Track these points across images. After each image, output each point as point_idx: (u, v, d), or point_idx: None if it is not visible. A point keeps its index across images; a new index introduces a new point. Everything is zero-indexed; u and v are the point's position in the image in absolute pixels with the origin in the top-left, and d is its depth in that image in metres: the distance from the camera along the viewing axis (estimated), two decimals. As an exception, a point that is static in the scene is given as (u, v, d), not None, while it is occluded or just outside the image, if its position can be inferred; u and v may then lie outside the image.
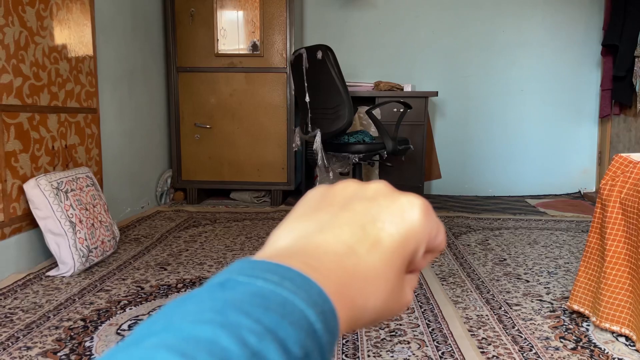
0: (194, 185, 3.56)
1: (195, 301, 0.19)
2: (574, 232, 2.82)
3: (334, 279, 0.22)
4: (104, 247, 2.19)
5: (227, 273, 0.21)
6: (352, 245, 0.24)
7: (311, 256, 0.23)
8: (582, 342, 1.47)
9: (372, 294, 0.24)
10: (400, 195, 0.27)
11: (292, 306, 0.19)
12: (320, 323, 0.19)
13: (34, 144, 2.13)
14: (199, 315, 0.18)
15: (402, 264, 0.25)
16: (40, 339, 1.47)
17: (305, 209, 0.28)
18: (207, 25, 3.43)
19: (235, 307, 0.18)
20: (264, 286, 0.20)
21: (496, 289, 1.91)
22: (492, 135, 4.11)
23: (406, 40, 4.04)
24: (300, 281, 0.20)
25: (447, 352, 1.41)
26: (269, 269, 0.21)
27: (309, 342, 0.18)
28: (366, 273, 0.24)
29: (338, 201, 0.27)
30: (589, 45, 3.96)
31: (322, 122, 2.89)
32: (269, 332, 0.18)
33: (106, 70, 2.76)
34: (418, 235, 0.26)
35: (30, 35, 2.11)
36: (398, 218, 0.26)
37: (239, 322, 0.17)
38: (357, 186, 0.28)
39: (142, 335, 0.17)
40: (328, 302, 0.21)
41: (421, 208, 0.27)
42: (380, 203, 0.26)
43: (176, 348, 0.16)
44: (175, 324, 0.17)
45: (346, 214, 0.26)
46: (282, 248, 0.24)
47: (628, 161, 1.50)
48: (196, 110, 3.52)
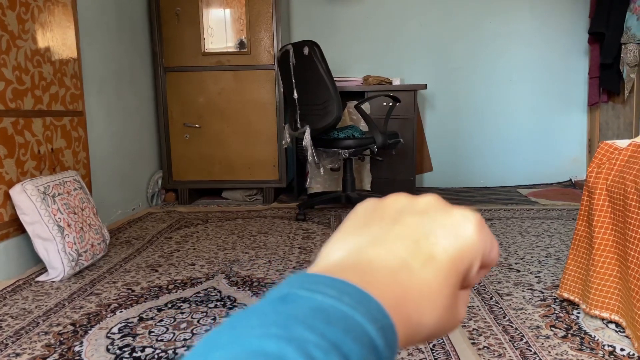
0: (185, 186, 3.55)
1: (258, 315, 0.19)
2: (565, 220, 2.83)
3: (389, 295, 0.22)
4: (94, 251, 2.18)
5: (286, 286, 0.21)
6: (406, 260, 0.24)
7: (365, 271, 0.23)
8: (573, 329, 1.47)
9: (427, 310, 0.23)
10: (453, 209, 0.27)
11: (353, 321, 0.19)
12: (381, 339, 0.19)
13: (19, 148, 2.11)
14: (264, 329, 0.17)
15: (457, 280, 0.25)
16: (29, 345, 1.45)
17: (356, 223, 0.27)
18: (194, 24, 3.41)
19: (299, 321, 0.18)
20: (324, 301, 0.19)
21: (487, 279, 1.91)
22: (482, 127, 4.11)
23: (394, 33, 4.03)
24: (359, 296, 0.20)
25: (437, 345, 1.41)
26: (327, 283, 0.20)
27: (370, 358, 0.18)
28: (421, 289, 0.23)
29: (389, 215, 0.27)
30: (576, 34, 3.96)
31: (311, 118, 2.89)
32: (334, 348, 0.17)
33: (91, 72, 2.74)
34: (472, 251, 0.25)
35: (12, 39, 2.09)
36: (452, 233, 0.25)
37: (305, 337, 0.17)
38: (408, 200, 0.28)
39: (208, 348, 0.17)
40: (387, 318, 0.20)
41: (475, 223, 0.26)
42: (433, 217, 0.26)
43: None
44: (241, 338, 0.17)
45: (398, 228, 0.25)
46: (336, 262, 0.24)
47: (613, 148, 1.50)
48: (185, 110, 3.50)
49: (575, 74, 4.02)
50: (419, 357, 1.34)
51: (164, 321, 1.59)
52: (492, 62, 4.04)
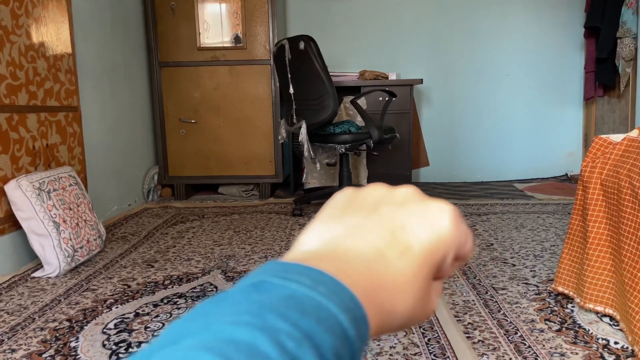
0: (181, 181, 3.54)
1: (231, 302, 0.18)
2: (561, 214, 2.84)
3: (363, 284, 0.22)
4: (90, 247, 2.18)
5: (260, 274, 0.20)
6: (381, 250, 0.24)
7: (341, 260, 0.23)
8: (567, 323, 1.48)
9: (401, 300, 0.23)
10: (429, 201, 0.27)
11: (326, 311, 0.19)
12: (353, 329, 0.19)
13: (14, 144, 2.10)
14: (237, 317, 0.17)
15: (430, 271, 0.25)
16: (25, 341, 1.45)
17: (333, 212, 0.27)
18: (189, 19, 3.39)
19: (271, 310, 0.18)
20: (298, 290, 0.19)
21: (483, 274, 1.92)
22: (478, 121, 4.11)
23: (390, 28, 4.02)
24: (333, 286, 0.20)
25: (433, 339, 1.41)
26: (301, 272, 0.20)
27: (342, 349, 0.18)
28: (395, 279, 0.23)
29: (367, 205, 0.27)
30: (572, 28, 3.96)
31: (307, 113, 2.88)
32: (306, 338, 0.17)
33: (86, 67, 2.73)
34: (447, 243, 0.26)
35: (6, 34, 2.07)
36: (428, 225, 0.25)
37: (277, 326, 0.17)
38: (385, 190, 0.28)
39: (178, 335, 0.17)
40: (360, 308, 0.20)
41: (451, 215, 0.26)
42: (410, 209, 0.26)
43: (216, 350, 0.15)
44: (212, 325, 0.17)
45: (375, 219, 0.25)
46: (312, 251, 0.24)
47: (608, 142, 1.51)
48: (180, 105, 3.49)
49: (571, 69, 4.02)
50: (415, 351, 1.35)
51: (160, 317, 1.59)
52: (488, 56, 4.03)
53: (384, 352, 1.34)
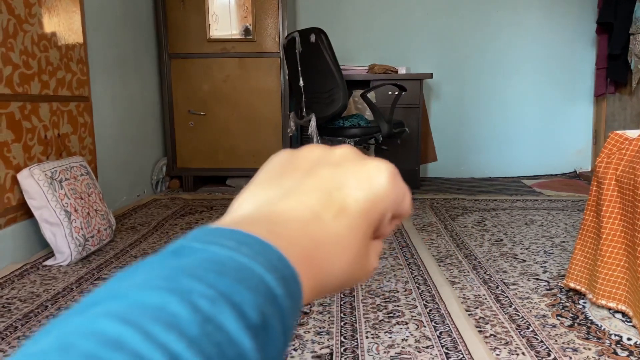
0: (190, 173, 3.55)
1: (145, 269, 0.18)
2: (570, 211, 2.83)
3: (298, 246, 0.22)
4: (100, 236, 2.19)
5: (182, 241, 0.20)
6: (317, 211, 0.24)
7: (275, 223, 0.22)
8: (579, 319, 1.48)
9: (338, 260, 0.23)
10: (366, 160, 0.27)
11: (249, 271, 0.18)
12: (281, 288, 0.19)
13: (26, 133, 2.10)
14: (148, 282, 0.17)
15: (367, 230, 0.25)
16: (38, 328, 1.46)
17: (269, 175, 0.27)
18: (199, 11, 3.39)
19: (186, 273, 0.17)
20: (219, 252, 0.19)
21: (493, 269, 1.91)
22: (487, 117, 4.10)
23: (400, 22, 4.00)
24: (259, 247, 0.20)
25: (444, 332, 1.41)
26: (225, 235, 0.20)
27: (268, 307, 0.18)
28: (331, 239, 0.23)
29: (303, 166, 0.27)
30: (583, 24, 3.93)
31: (317, 107, 2.88)
32: (223, 297, 0.17)
33: (97, 58, 2.73)
34: (384, 201, 0.26)
35: (19, 23, 2.08)
36: (365, 183, 0.25)
37: (190, 288, 0.17)
38: (322, 151, 0.28)
39: (87, 304, 0.16)
40: (289, 268, 0.20)
41: (388, 173, 0.26)
42: (347, 168, 0.26)
43: (120, 315, 0.15)
44: (121, 292, 0.16)
45: (311, 180, 0.25)
46: (244, 215, 0.24)
47: (624, 138, 1.50)
48: (190, 97, 3.49)
49: (582, 65, 3.99)
50: (426, 344, 1.35)
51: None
52: (499, 52, 4.01)
53: (396, 345, 1.35)
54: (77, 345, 0.14)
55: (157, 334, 0.15)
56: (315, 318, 1.51)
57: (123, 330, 0.14)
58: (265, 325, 0.17)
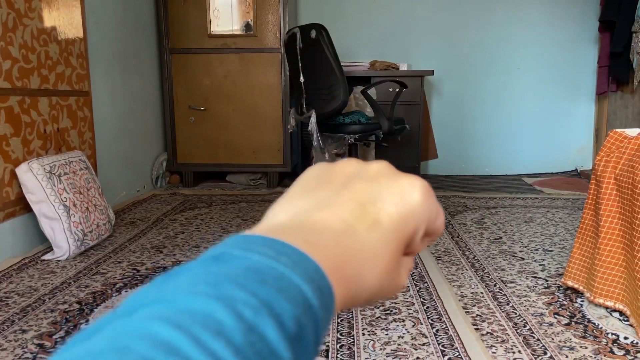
0: (190, 169, 3.55)
1: (189, 274, 0.18)
2: (570, 209, 2.82)
3: (331, 257, 0.22)
4: (99, 231, 2.19)
5: (222, 247, 0.20)
6: (351, 224, 0.24)
7: (309, 232, 0.23)
8: (576, 317, 1.48)
9: (369, 273, 0.23)
10: (401, 176, 0.27)
11: (288, 281, 0.19)
12: (317, 299, 0.19)
13: (25, 127, 2.10)
14: (193, 288, 0.17)
15: (399, 245, 0.25)
16: (35, 322, 1.47)
17: (305, 186, 0.27)
18: (200, 6, 3.38)
19: (230, 280, 0.18)
20: (260, 260, 0.19)
21: (491, 266, 1.91)
22: (488, 114, 4.09)
23: (402, 18, 3.99)
24: (297, 257, 0.20)
25: (441, 330, 1.41)
26: (265, 244, 0.20)
27: (304, 317, 0.18)
28: (364, 252, 0.23)
29: (338, 180, 0.27)
30: (586, 21, 3.91)
31: (317, 103, 2.87)
32: (265, 306, 0.17)
33: (97, 52, 2.73)
34: (417, 218, 0.26)
35: (19, 17, 2.07)
36: (398, 199, 0.26)
37: (235, 296, 0.17)
38: (358, 165, 0.28)
39: (134, 306, 0.17)
40: (324, 279, 0.20)
41: (422, 190, 0.26)
42: (381, 183, 0.26)
43: (171, 320, 0.15)
44: (168, 296, 0.17)
45: (346, 193, 0.25)
46: (280, 224, 0.24)
47: (623, 137, 1.49)
48: (190, 93, 3.48)
49: (584, 62, 3.98)
50: (423, 341, 1.35)
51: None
52: (500, 49, 3.99)
53: (392, 342, 1.35)
54: (132, 347, 0.15)
55: (206, 340, 0.15)
56: (312, 314, 1.51)
57: (175, 335, 0.15)
58: (300, 336, 0.18)
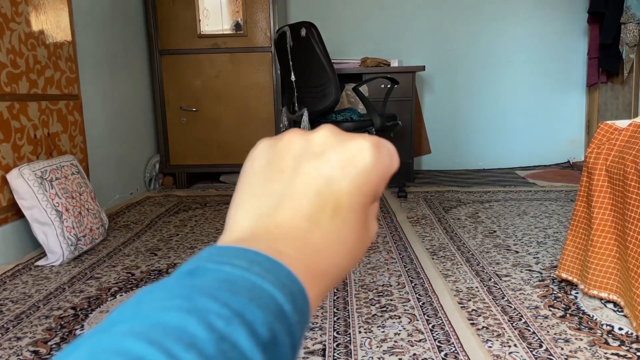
0: (183, 170, 3.54)
1: (163, 289, 0.19)
2: (563, 201, 2.84)
3: (302, 259, 0.22)
4: (93, 235, 2.18)
5: (195, 261, 0.21)
6: (313, 218, 0.24)
7: (276, 238, 0.23)
8: (571, 309, 1.48)
9: (340, 255, 0.24)
10: (347, 141, 0.26)
11: (260, 290, 0.19)
12: (289, 304, 0.20)
13: (15, 133, 2.09)
14: (167, 302, 0.18)
15: (363, 212, 0.25)
16: (30, 329, 1.46)
17: (256, 180, 0.26)
18: (189, 6, 3.36)
19: (202, 293, 0.18)
20: (232, 272, 0.20)
21: (486, 260, 1.92)
22: (480, 108, 4.09)
23: (392, 15, 3.99)
24: (269, 265, 0.21)
25: (437, 325, 1.42)
26: (237, 255, 0.21)
27: (276, 323, 0.19)
28: (332, 240, 0.24)
29: (287, 164, 0.26)
30: (575, 13, 3.93)
31: (309, 101, 2.87)
32: (237, 315, 0.18)
33: (86, 55, 2.71)
34: (373, 178, 0.25)
35: (5, 22, 2.05)
36: (351, 169, 0.25)
37: (207, 307, 0.18)
38: (302, 140, 0.27)
39: (111, 322, 0.17)
40: (297, 283, 0.21)
41: (371, 150, 0.25)
42: (330, 157, 0.25)
43: (144, 335, 0.16)
44: (143, 312, 0.17)
45: (299, 180, 0.25)
46: (245, 231, 0.24)
47: (613, 128, 1.50)
48: (181, 94, 3.47)
49: (574, 55, 3.99)
50: (419, 337, 1.35)
51: (165, 304, 1.59)
52: (490, 43, 4.00)
53: (389, 339, 1.35)
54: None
55: (178, 353, 0.16)
56: (308, 314, 1.51)
57: (148, 350, 0.16)
58: (275, 341, 0.18)
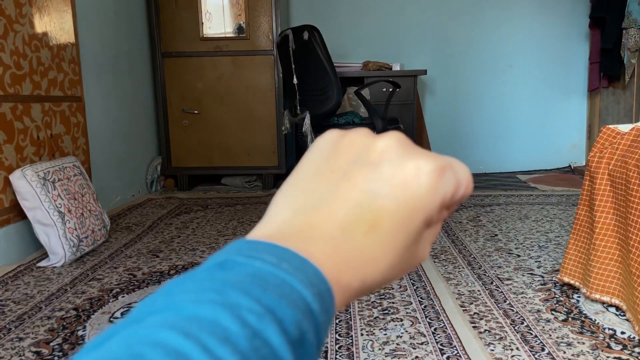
0: (185, 172, 3.54)
1: (195, 281, 0.19)
2: (565, 205, 2.84)
3: (330, 262, 0.22)
4: (95, 236, 2.18)
5: (225, 253, 0.21)
6: (347, 228, 0.23)
7: (307, 238, 0.22)
8: (573, 313, 1.48)
9: (370, 275, 0.23)
10: (408, 159, 0.24)
11: (289, 287, 0.19)
12: (317, 303, 0.20)
13: (19, 134, 2.09)
14: (200, 295, 0.18)
15: (407, 239, 0.24)
16: (32, 330, 1.46)
17: (307, 173, 0.26)
18: (192, 9, 3.37)
19: (234, 287, 0.18)
20: (262, 267, 0.20)
21: (488, 264, 1.92)
22: (482, 112, 4.10)
23: (394, 19, 4.00)
24: (298, 263, 0.21)
25: (439, 328, 1.42)
26: (267, 250, 0.21)
27: (305, 322, 0.19)
28: (363, 257, 0.23)
29: (339, 166, 0.25)
30: (577, 18, 3.94)
31: (311, 104, 2.87)
32: (268, 312, 0.18)
33: (89, 57, 2.72)
34: (426, 206, 0.24)
35: (9, 23, 2.06)
36: (400, 192, 0.24)
37: (239, 302, 0.18)
38: (365, 143, 0.26)
39: (143, 313, 0.17)
40: (325, 283, 0.21)
41: (430, 176, 0.24)
42: (383, 172, 0.24)
43: (179, 327, 0.16)
44: (176, 303, 0.17)
45: (344, 187, 0.24)
46: (279, 227, 0.24)
47: (616, 132, 1.50)
48: (183, 96, 3.48)
49: (575, 59, 4.00)
50: (421, 340, 1.35)
51: (167, 306, 1.59)
52: (492, 47, 4.01)
53: (391, 342, 1.35)
54: (146, 355, 0.15)
55: (213, 347, 0.16)
56: (310, 316, 1.51)
57: (184, 343, 0.16)
58: (303, 339, 0.18)
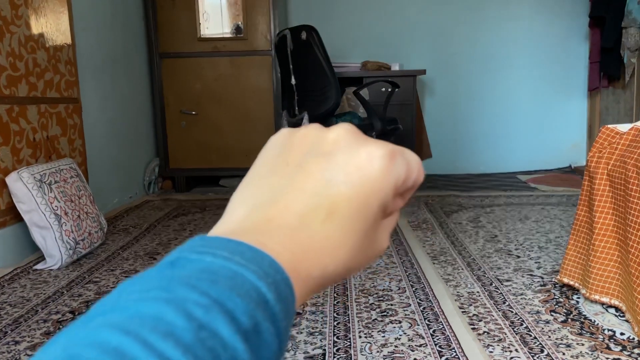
0: (182, 174, 3.53)
1: (143, 280, 0.19)
2: (565, 206, 2.82)
3: (287, 254, 0.22)
4: (92, 239, 2.17)
5: (178, 252, 0.21)
6: (305, 217, 0.23)
7: (263, 232, 0.23)
8: (573, 314, 1.47)
9: (331, 262, 0.23)
10: (360, 146, 0.25)
11: (241, 278, 0.19)
12: (272, 293, 0.20)
13: (14, 136, 2.08)
14: (145, 293, 0.18)
15: (365, 224, 0.25)
16: (28, 333, 1.45)
17: (262, 170, 0.27)
18: (189, 9, 3.36)
19: (182, 283, 0.18)
20: (213, 261, 0.20)
21: (487, 265, 1.91)
22: (481, 112, 4.09)
23: (393, 18, 3.99)
24: (252, 255, 0.20)
25: (438, 330, 1.40)
26: (219, 245, 0.21)
27: (258, 311, 0.19)
28: (321, 244, 0.23)
29: (293, 159, 0.26)
30: (576, 18, 3.92)
31: (309, 105, 2.86)
32: (216, 304, 0.18)
33: (86, 58, 2.70)
34: (381, 190, 0.25)
35: (5, 25, 2.05)
36: (355, 177, 0.24)
37: (185, 297, 0.18)
38: (316, 136, 0.27)
39: (90, 316, 0.17)
40: (281, 272, 0.21)
41: (382, 160, 0.25)
42: (337, 160, 0.25)
43: (119, 326, 0.16)
44: (121, 304, 0.17)
45: (299, 178, 0.25)
46: (237, 223, 0.24)
47: (615, 132, 1.49)
48: (181, 97, 3.46)
49: (575, 59, 3.99)
50: (420, 342, 1.34)
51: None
52: (492, 47, 4.00)
53: (389, 344, 1.34)
54: (82, 355, 0.15)
55: (154, 342, 0.16)
56: (308, 318, 1.50)
57: (123, 340, 0.16)
58: (257, 329, 0.18)
